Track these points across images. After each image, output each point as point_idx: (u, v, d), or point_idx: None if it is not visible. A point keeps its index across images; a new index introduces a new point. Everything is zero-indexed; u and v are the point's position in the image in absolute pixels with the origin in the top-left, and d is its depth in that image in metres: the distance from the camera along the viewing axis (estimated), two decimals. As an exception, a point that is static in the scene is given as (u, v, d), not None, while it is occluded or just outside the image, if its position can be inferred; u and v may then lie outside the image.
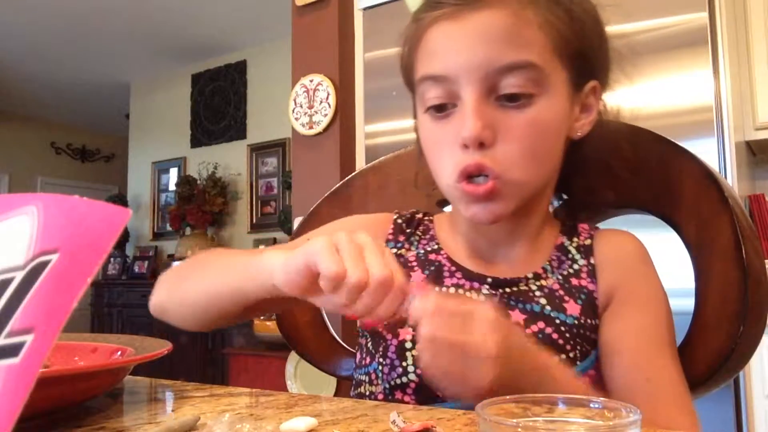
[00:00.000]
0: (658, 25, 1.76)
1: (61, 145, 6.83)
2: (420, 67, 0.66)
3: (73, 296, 0.30)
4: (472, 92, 0.61)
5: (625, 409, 0.35)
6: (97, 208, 0.34)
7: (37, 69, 5.38)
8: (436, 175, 0.67)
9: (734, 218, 0.67)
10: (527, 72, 0.61)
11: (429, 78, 0.65)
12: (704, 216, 0.70)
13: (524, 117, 0.62)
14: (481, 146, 0.61)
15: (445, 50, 0.63)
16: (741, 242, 0.66)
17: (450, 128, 0.63)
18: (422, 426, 0.42)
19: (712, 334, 0.68)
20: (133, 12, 4.32)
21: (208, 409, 0.51)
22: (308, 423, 0.43)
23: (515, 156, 0.62)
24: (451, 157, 0.63)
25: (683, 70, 1.73)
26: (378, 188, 0.90)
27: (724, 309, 0.67)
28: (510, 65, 0.61)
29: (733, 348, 0.66)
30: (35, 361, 0.28)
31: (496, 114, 0.61)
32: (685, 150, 0.73)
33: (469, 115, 0.61)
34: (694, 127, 1.70)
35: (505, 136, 0.61)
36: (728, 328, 0.66)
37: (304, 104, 2.44)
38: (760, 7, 2.05)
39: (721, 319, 0.67)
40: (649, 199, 0.74)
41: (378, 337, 0.68)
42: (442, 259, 0.72)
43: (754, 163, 2.32)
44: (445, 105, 0.64)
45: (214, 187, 4.91)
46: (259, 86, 5.00)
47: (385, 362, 0.67)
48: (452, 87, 0.63)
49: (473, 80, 0.61)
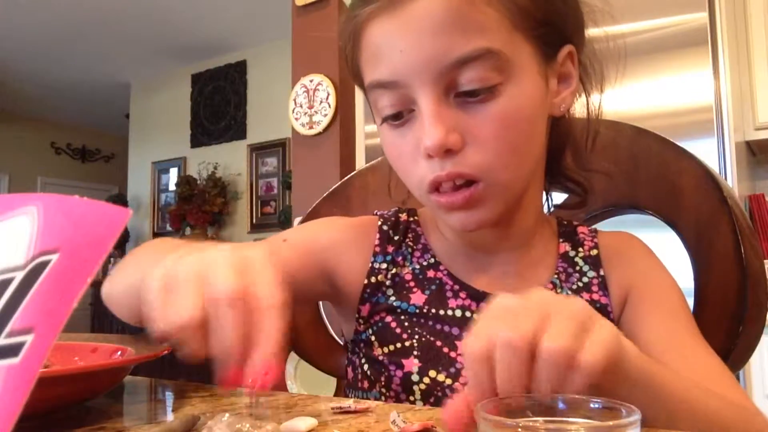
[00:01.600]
0: (658, 25, 1.76)
1: (61, 145, 6.83)
2: (366, 72, 0.59)
3: (73, 296, 0.30)
4: (427, 95, 0.54)
5: (625, 409, 0.35)
6: (97, 208, 0.34)
7: (37, 69, 5.38)
8: (407, 185, 0.61)
9: (733, 218, 0.67)
10: (485, 61, 0.53)
11: (377, 86, 0.57)
12: (703, 216, 0.70)
13: (491, 111, 0.54)
14: (448, 153, 0.54)
15: (389, 51, 0.55)
16: (740, 242, 0.67)
17: (410, 137, 0.57)
18: (422, 426, 0.42)
19: (711, 333, 0.67)
20: (133, 12, 4.32)
21: (208, 409, 0.51)
22: (308, 423, 0.43)
23: (490, 156, 0.55)
24: (417, 169, 0.57)
25: (683, 70, 1.73)
26: (377, 188, 0.90)
27: (723, 309, 0.67)
28: (464, 57, 0.53)
29: (732, 348, 0.66)
30: (35, 361, 0.28)
31: (459, 114, 0.54)
32: (684, 150, 0.73)
33: (428, 122, 0.53)
34: (694, 127, 1.70)
35: (475, 137, 0.54)
36: (728, 328, 0.66)
37: (304, 104, 2.44)
38: (760, 7, 2.05)
39: (721, 318, 0.67)
40: (649, 199, 0.74)
41: (378, 366, 0.62)
42: (442, 276, 0.65)
43: (754, 163, 2.32)
44: (401, 113, 0.57)
45: (214, 187, 4.92)
46: (259, 86, 5.00)
47: (388, 393, 0.61)
48: (405, 91, 0.55)
49: (426, 81, 0.54)
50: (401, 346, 0.62)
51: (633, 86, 1.78)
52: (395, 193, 0.72)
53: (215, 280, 0.38)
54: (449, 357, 0.60)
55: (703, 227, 0.70)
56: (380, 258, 0.67)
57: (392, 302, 0.64)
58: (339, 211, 0.88)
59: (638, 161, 0.74)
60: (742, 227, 0.67)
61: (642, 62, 1.77)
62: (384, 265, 0.66)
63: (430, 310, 0.63)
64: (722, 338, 0.67)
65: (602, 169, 0.71)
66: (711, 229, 0.69)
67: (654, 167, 0.74)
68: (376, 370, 0.63)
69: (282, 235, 0.68)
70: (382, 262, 0.66)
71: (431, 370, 0.59)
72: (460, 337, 0.61)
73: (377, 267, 0.66)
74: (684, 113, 1.72)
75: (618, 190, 0.56)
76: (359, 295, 0.66)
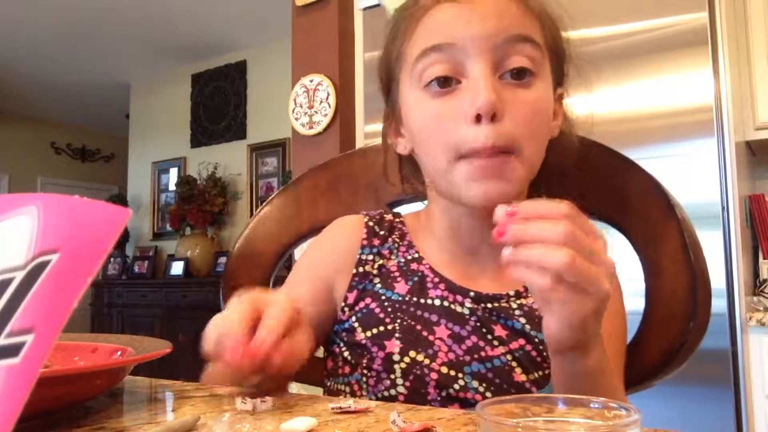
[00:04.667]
0: (658, 25, 1.76)
1: (61, 145, 6.83)
2: (418, 45, 0.65)
3: (73, 296, 0.30)
4: (483, 63, 0.61)
5: (625, 409, 0.35)
6: (97, 208, 0.34)
7: (37, 69, 5.38)
8: (434, 156, 0.65)
9: (681, 224, 0.72)
10: (532, 48, 0.62)
11: (432, 49, 0.63)
12: (652, 222, 0.74)
13: (529, 95, 0.62)
14: (493, 118, 0.60)
15: (453, 23, 0.62)
16: (688, 246, 0.71)
17: (455, 103, 0.62)
18: (422, 426, 0.42)
19: (663, 330, 0.73)
20: (133, 12, 4.32)
21: (208, 409, 0.51)
22: (308, 423, 0.43)
23: (522, 131, 0.61)
24: (455, 135, 0.62)
25: (683, 70, 1.73)
26: (327, 188, 0.91)
27: (673, 308, 0.72)
28: (519, 36, 0.61)
29: (683, 342, 0.71)
30: (35, 361, 0.28)
31: (503, 90, 0.61)
32: (633, 162, 0.77)
33: (483, 84, 0.60)
34: (694, 127, 1.70)
35: (512, 112, 0.61)
36: (678, 325, 0.71)
37: (304, 104, 2.44)
38: (760, 7, 2.05)
39: (672, 316, 0.72)
40: (599, 205, 0.77)
41: (361, 349, 0.67)
42: (424, 269, 0.71)
43: (754, 163, 2.32)
44: (450, 80, 0.63)
45: (214, 187, 4.91)
46: (259, 86, 5.00)
47: (370, 374, 0.66)
48: (458, 58, 0.62)
49: (484, 50, 0.61)
50: (384, 329, 0.68)
51: (633, 86, 1.78)
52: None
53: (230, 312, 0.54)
54: (428, 340, 0.66)
55: (651, 232, 0.74)
56: (367, 250, 0.74)
57: (378, 289, 0.71)
58: (289, 210, 0.90)
59: (587, 170, 0.77)
60: (689, 231, 0.72)
61: (642, 62, 1.77)
62: (371, 256, 0.73)
63: (412, 299, 0.69)
64: (673, 334, 0.72)
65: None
66: (659, 234, 0.73)
67: (602, 176, 0.78)
68: (357, 354, 0.68)
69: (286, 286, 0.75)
70: (368, 254, 0.73)
71: (411, 350, 0.65)
72: (438, 323, 0.67)
73: (364, 258, 0.73)
74: (684, 113, 1.72)
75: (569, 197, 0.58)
76: (347, 286, 0.72)
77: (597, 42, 1.85)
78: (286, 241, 0.85)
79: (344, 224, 0.78)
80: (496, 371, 0.64)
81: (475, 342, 0.66)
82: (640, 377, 0.73)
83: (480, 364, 0.65)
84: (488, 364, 0.65)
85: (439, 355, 0.65)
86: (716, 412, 1.63)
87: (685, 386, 1.62)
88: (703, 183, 1.68)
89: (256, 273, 0.87)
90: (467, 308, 0.68)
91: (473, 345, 0.66)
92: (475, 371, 0.64)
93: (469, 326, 0.67)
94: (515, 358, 0.65)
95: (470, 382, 0.64)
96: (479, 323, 0.67)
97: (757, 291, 2.03)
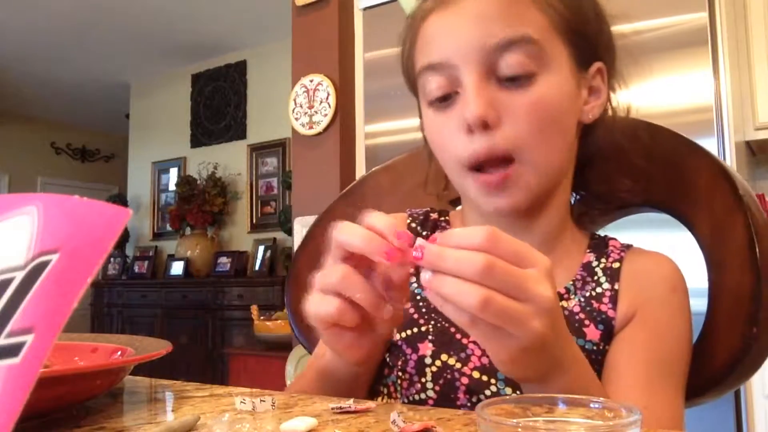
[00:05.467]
0: (658, 25, 1.76)
1: (61, 145, 6.83)
2: (419, 61, 0.65)
3: (73, 296, 0.30)
4: (471, 73, 0.59)
5: (625, 409, 0.35)
6: (97, 208, 0.34)
7: (37, 69, 5.38)
8: (447, 170, 0.65)
9: (748, 216, 0.65)
10: (526, 48, 0.59)
11: (427, 68, 0.63)
12: (718, 214, 0.68)
13: (528, 96, 0.59)
14: (486, 128, 0.58)
15: (441, 37, 0.62)
16: (755, 240, 0.64)
17: (453, 115, 0.61)
18: (422, 426, 0.42)
19: (725, 335, 0.65)
20: (133, 12, 4.32)
21: (208, 409, 0.51)
22: (308, 423, 0.43)
23: (524, 135, 0.59)
24: (455, 147, 0.61)
25: (683, 70, 1.73)
26: (391, 187, 0.90)
27: (737, 309, 0.65)
28: (507, 41, 0.58)
29: (746, 350, 0.63)
30: (35, 361, 0.28)
31: (499, 95, 0.59)
32: (699, 146, 0.71)
33: (470, 95, 0.59)
34: (694, 127, 1.70)
35: (510, 116, 0.59)
36: (742, 329, 0.64)
37: (304, 104, 2.44)
38: (760, 7, 2.05)
39: (735, 319, 0.65)
40: (663, 196, 0.72)
41: (397, 351, 0.66)
42: None
43: (754, 163, 2.32)
44: (448, 95, 0.62)
45: (214, 187, 4.92)
46: (259, 86, 5.00)
47: (404, 376, 0.64)
48: (452, 73, 0.61)
49: (471, 61, 0.59)
50: (418, 330, 0.66)
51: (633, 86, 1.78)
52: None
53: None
54: (461, 343, 0.63)
55: (717, 225, 0.67)
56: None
57: (414, 288, 0.68)
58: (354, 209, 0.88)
59: (652, 158, 0.72)
60: (758, 224, 0.65)
61: (642, 62, 1.77)
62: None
63: None
64: (736, 339, 0.64)
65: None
66: (725, 227, 0.67)
67: (668, 163, 0.72)
68: (394, 355, 0.66)
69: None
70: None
71: (443, 353, 0.63)
72: None
73: None
74: (684, 113, 1.72)
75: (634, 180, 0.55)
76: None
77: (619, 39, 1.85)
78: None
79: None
80: None
81: None
82: (702, 388, 0.66)
83: None
84: None
85: (471, 359, 0.62)
86: (716, 412, 1.63)
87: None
88: (703, 183, 1.68)
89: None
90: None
91: None
92: (508, 377, 0.59)
93: None
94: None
95: (503, 388, 0.61)
96: None
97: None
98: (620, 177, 0.71)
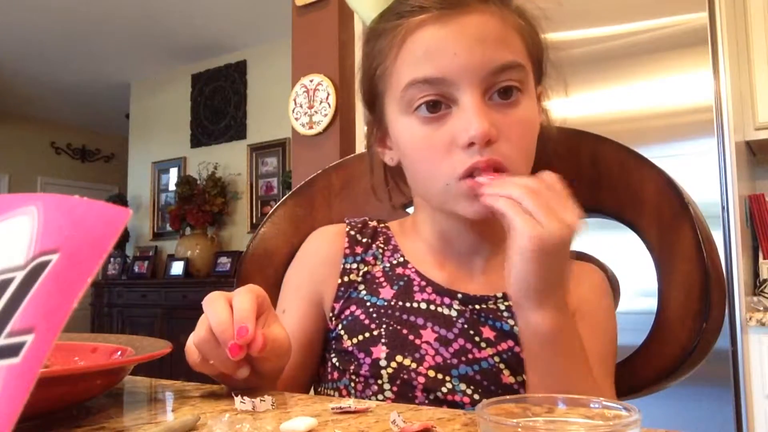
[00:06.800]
0: (658, 25, 1.77)
1: (61, 145, 6.83)
2: (406, 71, 0.65)
3: (73, 296, 0.30)
4: (473, 93, 0.62)
5: (625, 409, 0.35)
6: (97, 208, 0.34)
7: (37, 69, 5.38)
8: (429, 178, 0.66)
9: (695, 221, 0.71)
10: (517, 72, 0.64)
11: (421, 81, 0.63)
12: (665, 221, 0.73)
13: (516, 115, 0.64)
14: (488, 143, 0.61)
15: (440, 53, 0.63)
16: (702, 245, 0.70)
17: (445, 130, 0.63)
18: (422, 426, 0.42)
19: (676, 330, 0.72)
20: (133, 12, 4.32)
21: (208, 409, 0.51)
22: (308, 423, 0.43)
23: (515, 151, 0.63)
24: (450, 159, 0.63)
25: (683, 70, 1.73)
26: (341, 188, 0.90)
27: (687, 307, 0.71)
28: (505, 65, 0.63)
29: (696, 343, 0.70)
30: (35, 361, 0.28)
31: (493, 114, 0.62)
32: (646, 159, 0.76)
33: (475, 115, 0.61)
34: (694, 127, 1.70)
35: (504, 133, 0.62)
36: (691, 325, 0.70)
37: (304, 104, 2.44)
38: (760, 7, 2.05)
39: (685, 316, 0.71)
40: (612, 204, 0.77)
41: (348, 356, 0.68)
42: (410, 273, 0.72)
43: (754, 163, 2.32)
44: (439, 104, 0.63)
45: (214, 187, 4.91)
46: (259, 86, 5.00)
47: (358, 380, 0.67)
48: (447, 89, 0.62)
49: (473, 81, 0.62)
50: (369, 335, 0.68)
51: (633, 86, 1.78)
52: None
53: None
54: (414, 344, 0.67)
55: (665, 231, 0.73)
56: (350, 259, 0.74)
57: (362, 296, 0.71)
58: (302, 210, 0.89)
59: (600, 168, 0.77)
60: (703, 231, 0.72)
61: (642, 62, 1.77)
62: (354, 264, 0.74)
63: (397, 303, 0.70)
64: (686, 334, 0.71)
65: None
66: (673, 233, 0.73)
67: (616, 174, 0.77)
68: (345, 361, 0.69)
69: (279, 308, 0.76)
70: (352, 263, 0.74)
71: (398, 355, 0.66)
72: (425, 326, 0.68)
73: (348, 267, 0.74)
74: (684, 113, 1.72)
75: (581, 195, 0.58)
76: (334, 296, 0.73)
77: (597, 42, 1.85)
78: (298, 242, 0.84)
79: (325, 236, 0.78)
80: (484, 373, 0.65)
81: (463, 344, 0.66)
82: (652, 379, 0.73)
83: (467, 367, 0.65)
84: (476, 367, 0.65)
85: (426, 359, 0.65)
86: (716, 412, 1.64)
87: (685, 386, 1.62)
88: (703, 183, 1.68)
89: (268, 272, 0.86)
90: (455, 310, 0.68)
91: (460, 348, 0.66)
92: (462, 374, 0.65)
93: (457, 329, 0.67)
94: (503, 360, 0.66)
95: (458, 384, 0.64)
96: (467, 325, 0.67)
97: (757, 291, 2.03)
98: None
